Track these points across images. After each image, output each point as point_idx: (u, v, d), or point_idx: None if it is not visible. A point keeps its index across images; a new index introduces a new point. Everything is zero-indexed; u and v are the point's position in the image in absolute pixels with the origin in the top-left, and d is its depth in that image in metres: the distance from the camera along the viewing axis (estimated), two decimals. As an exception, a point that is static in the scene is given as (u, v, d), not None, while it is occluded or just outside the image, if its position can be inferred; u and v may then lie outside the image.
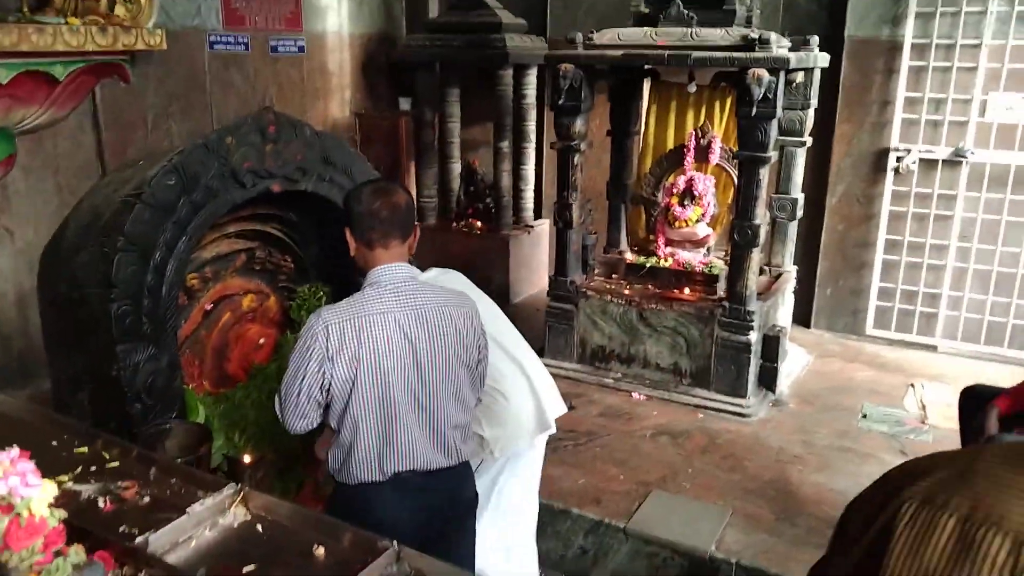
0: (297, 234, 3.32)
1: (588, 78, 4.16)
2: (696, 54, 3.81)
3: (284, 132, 2.82)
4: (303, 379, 2.01)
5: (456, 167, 6.00)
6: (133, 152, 4.46)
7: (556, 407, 2.85)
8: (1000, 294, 4.74)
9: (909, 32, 4.59)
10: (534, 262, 6.03)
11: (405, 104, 6.15)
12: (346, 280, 3.34)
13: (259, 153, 2.74)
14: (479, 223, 5.91)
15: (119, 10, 4.10)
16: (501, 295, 5.77)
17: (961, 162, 4.64)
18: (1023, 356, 4.74)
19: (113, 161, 4.36)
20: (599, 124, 5.02)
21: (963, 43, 4.51)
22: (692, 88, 4.29)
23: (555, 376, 4.38)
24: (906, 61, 4.63)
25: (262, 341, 3.22)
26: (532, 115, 5.72)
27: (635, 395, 4.27)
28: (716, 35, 3.86)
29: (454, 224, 5.99)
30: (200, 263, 2.96)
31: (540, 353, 4.53)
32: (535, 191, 5.98)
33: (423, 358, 2.07)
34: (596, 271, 4.67)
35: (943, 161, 4.69)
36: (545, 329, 4.56)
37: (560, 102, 4.17)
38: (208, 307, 3.05)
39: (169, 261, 2.52)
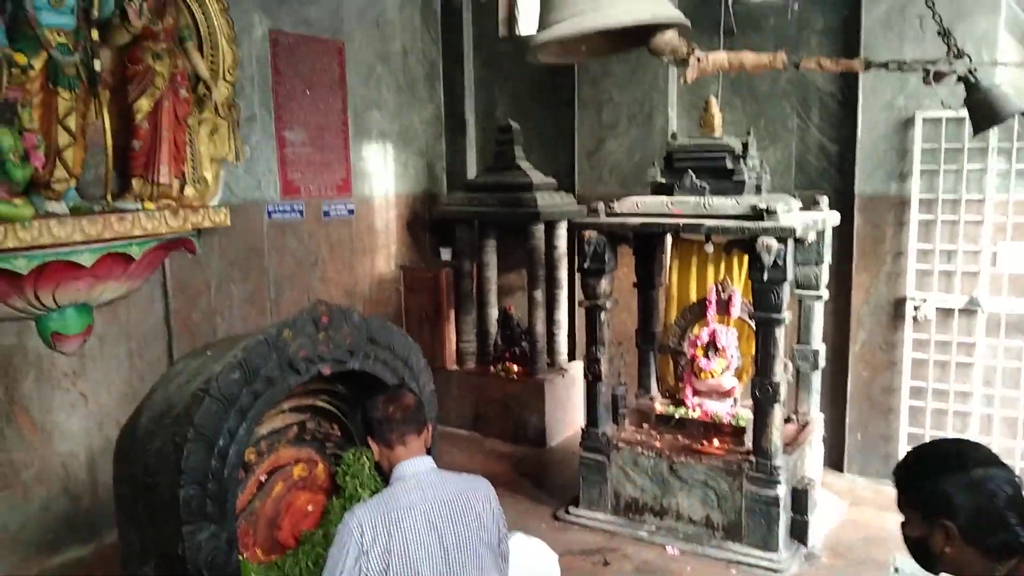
0: (344, 404, 3.60)
1: (611, 242, 4.49)
2: (709, 223, 4.13)
3: (335, 320, 3.15)
4: (340, 573, 2.23)
5: (493, 313, 6.33)
6: (197, 316, 4.88)
7: None
8: (1029, 439, 4.79)
9: (915, 188, 4.87)
10: (569, 404, 6.24)
11: (446, 254, 6.57)
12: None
13: (313, 341, 3.06)
14: (515, 367, 6.19)
15: (189, 191, 4.62)
16: (538, 438, 5.98)
17: (976, 311, 4.80)
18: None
19: (179, 326, 4.78)
20: (626, 272, 5.31)
21: (968, 198, 4.77)
22: (709, 248, 4.57)
23: (590, 528, 4.60)
24: (915, 215, 4.89)
25: (311, 508, 3.45)
26: (563, 264, 6.08)
27: (669, 549, 4.36)
28: (727, 204, 4.18)
29: (491, 368, 6.27)
30: (256, 438, 3.25)
31: (575, 503, 4.73)
32: (568, 334, 6.25)
33: (449, 544, 2.28)
34: (627, 420, 4.86)
35: (959, 310, 4.85)
36: (580, 479, 4.71)
37: (586, 265, 4.50)
38: (262, 478, 3.32)
39: (231, 446, 2.81)
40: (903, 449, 5.11)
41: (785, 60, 1.98)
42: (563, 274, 6.09)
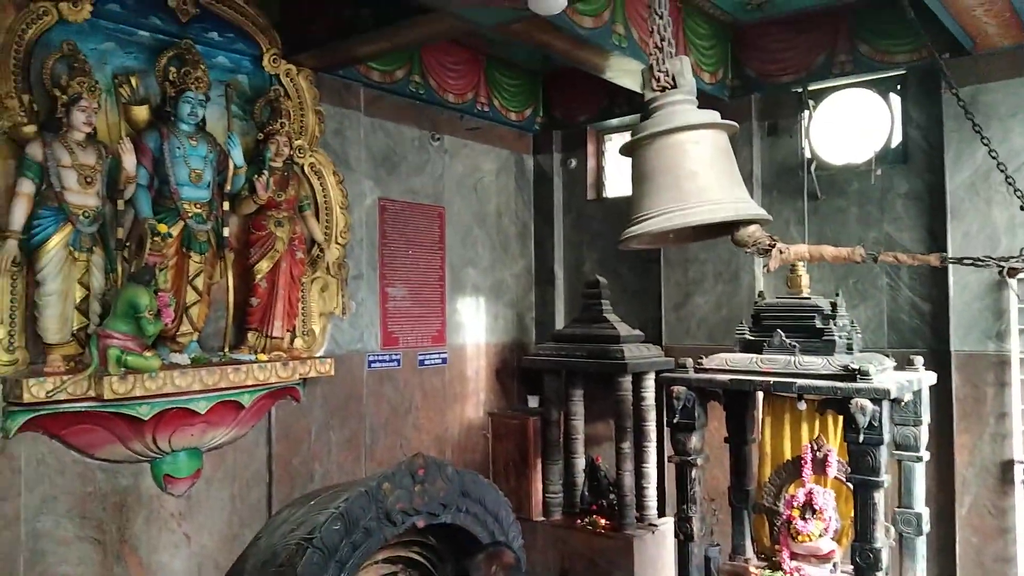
0: (433, 555, 3.67)
1: (700, 398, 4.52)
2: (800, 382, 4.14)
3: (431, 473, 3.28)
4: None
5: (580, 463, 6.32)
6: (297, 461, 5.09)
7: None
8: None
9: (1016, 347, 4.77)
10: (660, 561, 6.05)
11: (533, 402, 6.69)
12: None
13: (409, 494, 3.18)
14: (603, 520, 6.09)
15: (298, 342, 4.96)
16: (627, 597, 5.78)
17: (1095, 476, 4.55)
18: None
19: (279, 471, 4.99)
20: (718, 426, 5.28)
21: (1072, 359, 4.64)
22: (802, 406, 4.54)
23: None
24: (1016, 375, 4.76)
25: (401, 661, 3.45)
26: (652, 416, 6.08)
27: None
28: (818, 363, 4.19)
29: (578, 520, 6.19)
30: (351, 588, 3.33)
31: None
32: (657, 488, 6.16)
33: None
34: (720, 584, 4.70)
35: (1075, 474, 4.62)
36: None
37: (675, 420, 4.53)
38: (355, 629, 3.36)
39: (330, 597, 2.90)
40: (1025, 626, 4.74)
41: (863, 254, 2.10)
42: (651, 426, 6.08)
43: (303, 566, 2.83)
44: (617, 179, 7.00)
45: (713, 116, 1.94)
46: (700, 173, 1.81)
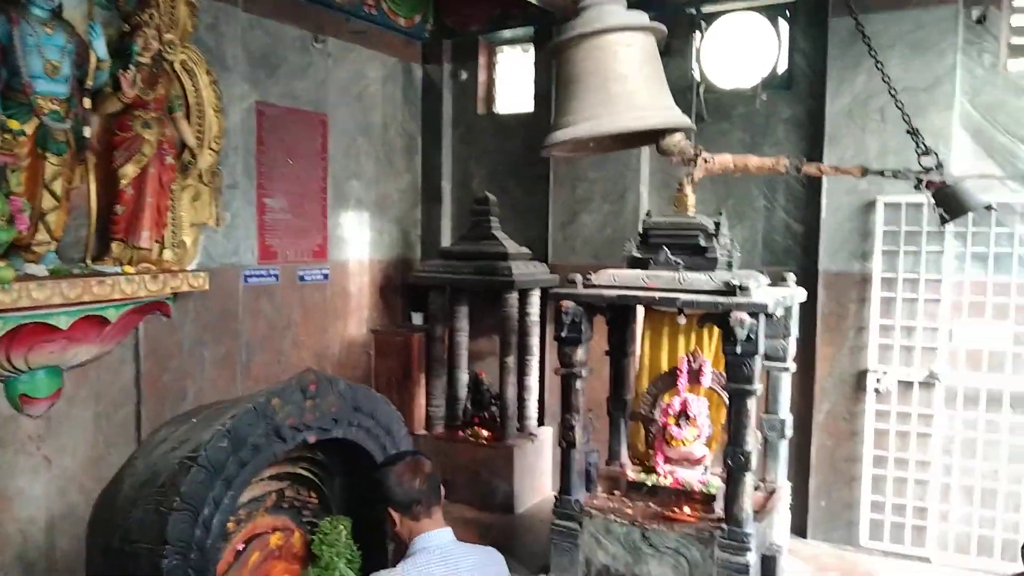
0: (322, 471, 3.60)
1: (587, 312, 4.60)
2: (683, 297, 4.27)
3: (322, 388, 3.18)
4: None
5: (464, 377, 6.37)
6: (168, 379, 4.84)
7: None
8: (985, 507, 4.95)
9: (877, 267, 5.12)
10: (537, 470, 6.26)
11: (417, 319, 6.63)
12: (365, 513, 3.60)
13: (300, 410, 3.08)
14: (485, 432, 6.20)
15: (167, 254, 4.64)
16: (506, 505, 5.97)
17: (935, 384, 5.01)
18: (1012, 569, 4.86)
19: (148, 389, 4.73)
20: (598, 340, 5.41)
21: (926, 278, 5.02)
22: (682, 320, 4.71)
23: (562, 598, 4.58)
24: (876, 293, 5.12)
25: (287, 578, 3.41)
26: (536, 331, 6.17)
27: (640, 618, 4.38)
28: (701, 280, 4.33)
29: (460, 433, 6.27)
30: (236, 506, 3.22)
31: (545, 571, 4.72)
32: (538, 400, 6.31)
33: None
34: (599, 487, 4.90)
35: (919, 383, 5.06)
36: (550, 547, 4.72)
37: (563, 335, 4.59)
38: (239, 547, 3.28)
39: (216, 515, 2.79)
40: (865, 517, 5.24)
41: (787, 164, 2.13)
42: (535, 341, 6.18)
43: (187, 484, 2.69)
44: (508, 94, 6.86)
45: (643, 18, 1.87)
46: (629, 76, 1.76)
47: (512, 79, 6.84)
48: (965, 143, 4.83)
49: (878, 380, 5.15)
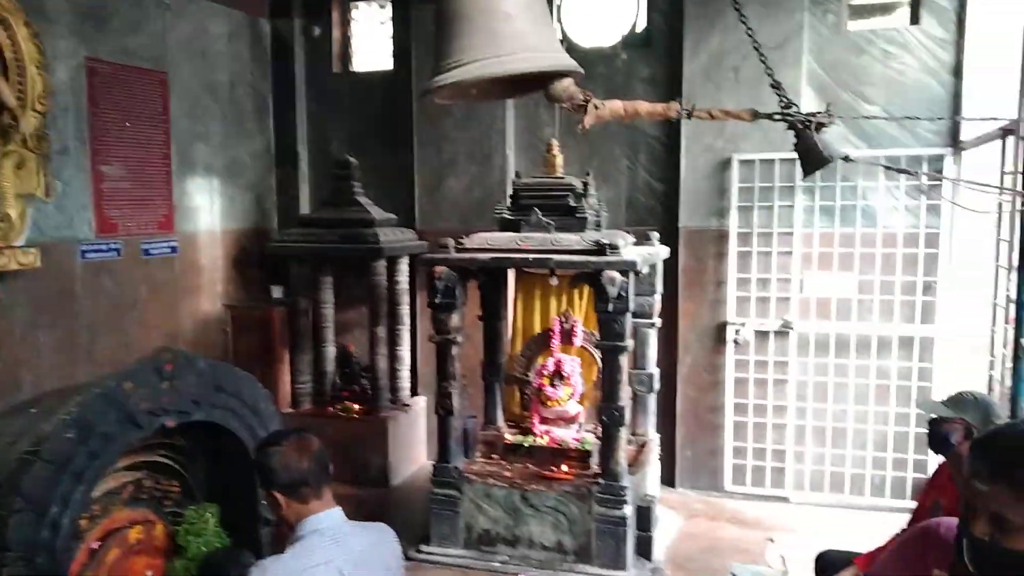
0: (184, 457, 3.35)
1: (461, 277, 4.51)
2: (556, 258, 4.27)
3: (180, 368, 2.93)
4: None
5: (331, 351, 6.13)
6: (-1, 368, 4.35)
7: None
8: (836, 447, 5.32)
9: (734, 223, 5.33)
10: (413, 440, 6.15)
11: (277, 292, 6.29)
12: (233, 498, 3.39)
13: (156, 392, 2.83)
14: (356, 405, 6.01)
15: (-10, 228, 4.13)
16: (380, 478, 5.83)
17: (788, 332, 5.30)
18: (861, 502, 5.29)
19: (-25, 379, 4.23)
20: (470, 305, 5.36)
21: (779, 232, 5.27)
22: (554, 281, 4.72)
23: (444, 565, 4.54)
24: (733, 247, 5.34)
25: (149, 574, 3.16)
26: (405, 299, 6.02)
27: (523, 578, 4.41)
28: (572, 240, 4.34)
29: (330, 408, 6.05)
30: (89, 502, 2.93)
31: (425, 541, 4.65)
32: (411, 369, 6.19)
33: None
34: (477, 453, 4.87)
35: (774, 332, 5.34)
36: (430, 516, 4.65)
37: (437, 301, 4.49)
38: (95, 545, 2.99)
39: (65, 514, 2.52)
40: (728, 463, 5.51)
41: (679, 109, 2.10)
42: (405, 309, 6.03)
43: (29, 482, 2.41)
44: (366, 51, 6.56)
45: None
46: (516, 17, 1.65)
47: (369, 35, 6.54)
48: (811, 99, 5.08)
49: (737, 332, 5.39)
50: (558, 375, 4.78)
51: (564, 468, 4.61)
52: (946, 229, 5.03)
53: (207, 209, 5.90)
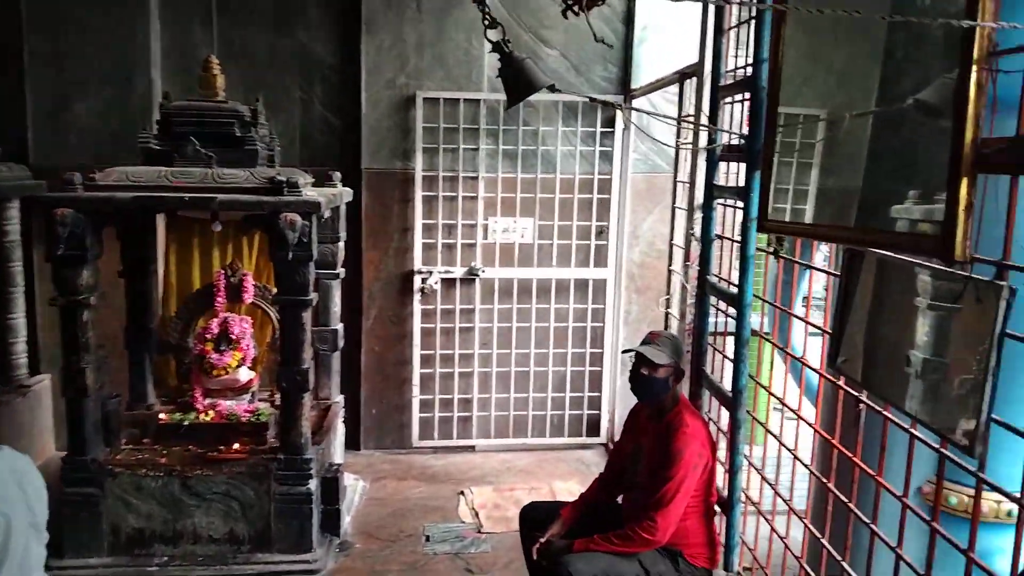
0: None
1: (94, 223, 3.59)
2: (221, 197, 3.57)
3: None
4: None
5: (-91, 323, 4.69)
6: None
7: None
8: (519, 391, 5.35)
9: (419, 165, 5.00)
10: (35, 430, 4.97)
11: None
12: None
13: None
14: (-48, 390, 4.68)
15: None
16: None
17: (475, 279, 5.16)
18: (542, 442, 5.41)
19: None
20: (108, 259, 4.39)
21: (464, 175, 5.07)
22: (217, 227, 4.01)
23: (83, 579, 3.67)
24: (419, 191, 5.03)
25: None
26: (18, 254, 4.78)
27: (189, 579, 3.73)
28: (240, 176, 3.67)
29: (-86, 396, 4.64)
30: None
31: (58, 553, 3.73)
32: (29, 343, 4.97)
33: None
34: (122, 439, 4.02)
35: (460, 280, 5.17)
36: (61, 523, 3.72)
37: (59, 252, 3.52)
38: None
39: None
40: (415, 418, 5.28)
41: None
42: (18, 267, 4.79)
43: None
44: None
45: None
46: None
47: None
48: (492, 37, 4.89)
49: (423, 280, 5.13)
50: (225, 338, 4.13)
51: (236, 446, 3.98)
52: (617, 175, 5.21)
53: None
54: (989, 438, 1.53)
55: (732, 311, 2.92)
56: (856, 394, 2.26)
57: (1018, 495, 1.61)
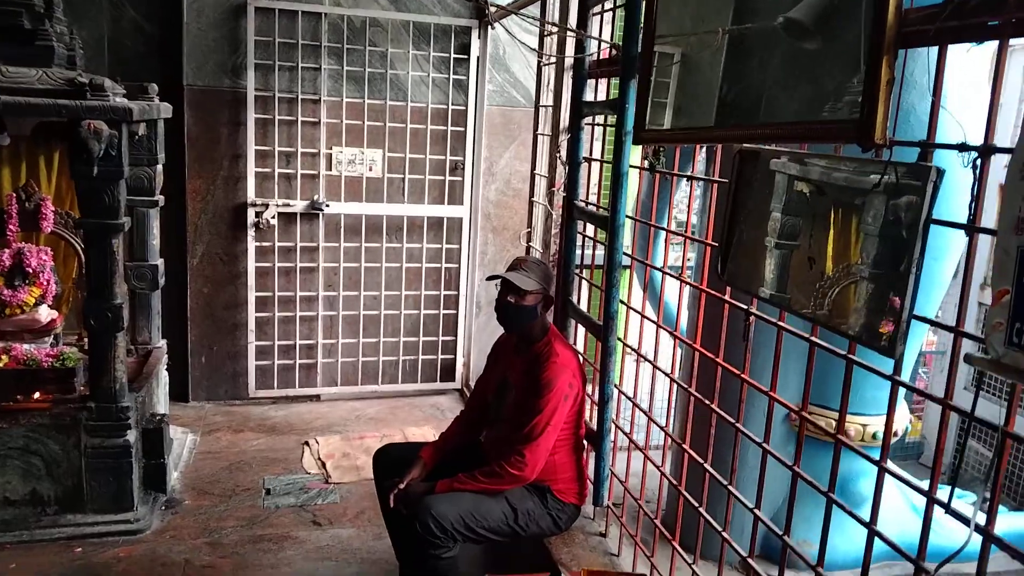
0: None
1: None
2: (6, 99, 2.96)
3: None
4: None
5: None
6: None
7: None
8: (369, 336, 5.01)
9: (251, 84, 4.48)
10: None
11: None
12: None
13: None
14: None
15: None
16: None
17: (318, 215, 4.74)
18: (394, 389, 5.13)
19: None
20: None
21: (304, 97, 4.60)
22: (5, 140, 3.38)
23: None
24: (252, 114, 4.51)
25: None
26: None
27: (-21, 551, 3.17)
28: (32, 76, 3.06)
29: None
30: None
31: None
32: None
33: None
34: None
35: (301, 215, 4.72)
36: None
37: None
38: None
39: None
40: (252, 366, 4.84)
41: None
42: None
43: None
44: None
45: None
46: None
47: None
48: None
49: (258, 214, 4.64)
50: (20, 272, 3.56)
51: (36, 396, 3.41)
52: (473, 106, 4.93)
53: None
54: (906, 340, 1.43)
55: (600, 238, 2.76)
56: (744, 307, 2.15)
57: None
